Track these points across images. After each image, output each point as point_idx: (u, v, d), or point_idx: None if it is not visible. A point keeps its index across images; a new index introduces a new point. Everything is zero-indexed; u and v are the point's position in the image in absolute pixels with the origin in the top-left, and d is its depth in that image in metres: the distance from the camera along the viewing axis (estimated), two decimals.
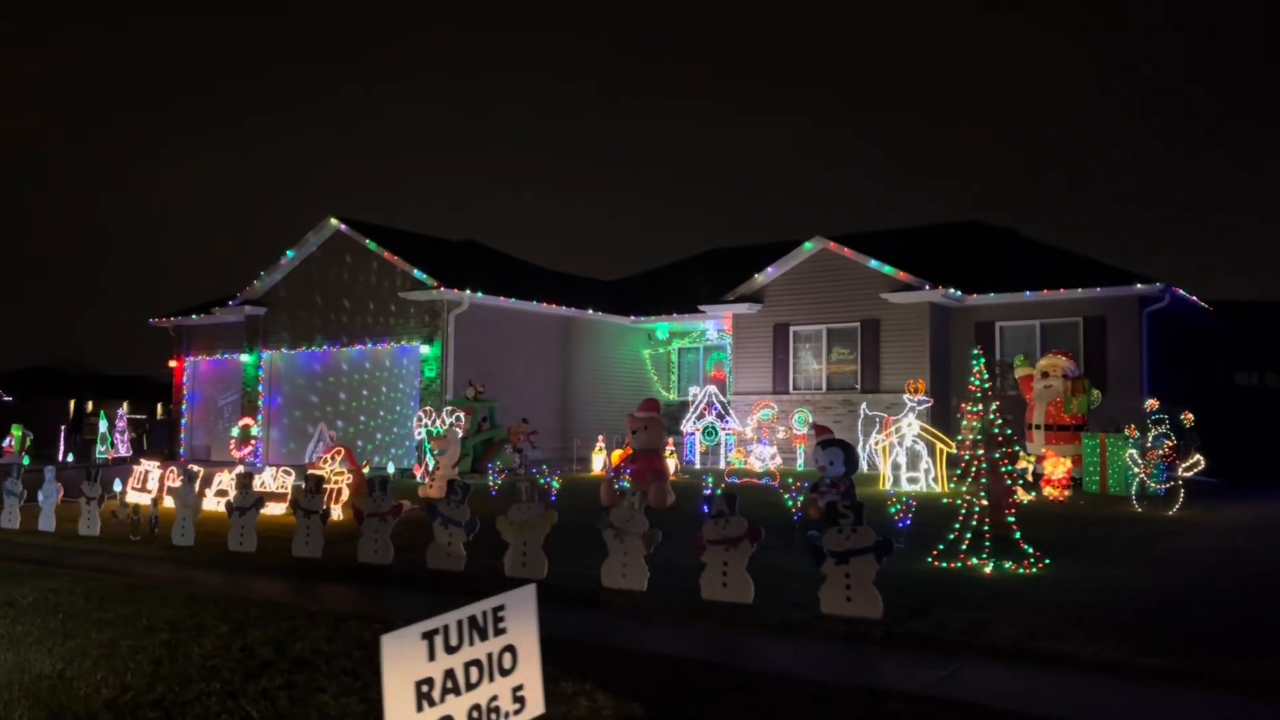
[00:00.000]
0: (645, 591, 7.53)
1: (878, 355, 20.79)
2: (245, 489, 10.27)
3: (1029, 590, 7.77)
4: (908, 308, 20.39)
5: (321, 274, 23.80)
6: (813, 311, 21.78)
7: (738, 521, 7.16)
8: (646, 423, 13.33)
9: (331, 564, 9.30)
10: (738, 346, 23.06)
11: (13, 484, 12.58)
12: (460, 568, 8.58)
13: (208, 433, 27.42)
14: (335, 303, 23.51)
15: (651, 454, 13.36)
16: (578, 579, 8.10)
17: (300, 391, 24.44)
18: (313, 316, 23.92)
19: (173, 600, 7.35)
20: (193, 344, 27.65)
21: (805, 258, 21.86)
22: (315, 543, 9.62)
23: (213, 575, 9.08)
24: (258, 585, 8.51)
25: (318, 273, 23.88)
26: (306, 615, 6.81)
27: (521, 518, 8.26)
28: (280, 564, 9.41)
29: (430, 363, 21.47)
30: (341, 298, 23.40)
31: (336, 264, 23.54)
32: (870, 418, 19.83)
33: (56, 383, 73.19)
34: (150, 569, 9.38)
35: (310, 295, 24.01)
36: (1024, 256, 22.47)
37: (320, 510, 9.61)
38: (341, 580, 8.69)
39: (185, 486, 10.72)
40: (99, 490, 11.66)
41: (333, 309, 23.57)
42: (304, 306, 24.11)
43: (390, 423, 22.56)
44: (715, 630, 6.74)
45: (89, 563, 9.77)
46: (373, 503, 9.28)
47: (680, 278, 29.07)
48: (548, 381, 23.94)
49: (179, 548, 10.47)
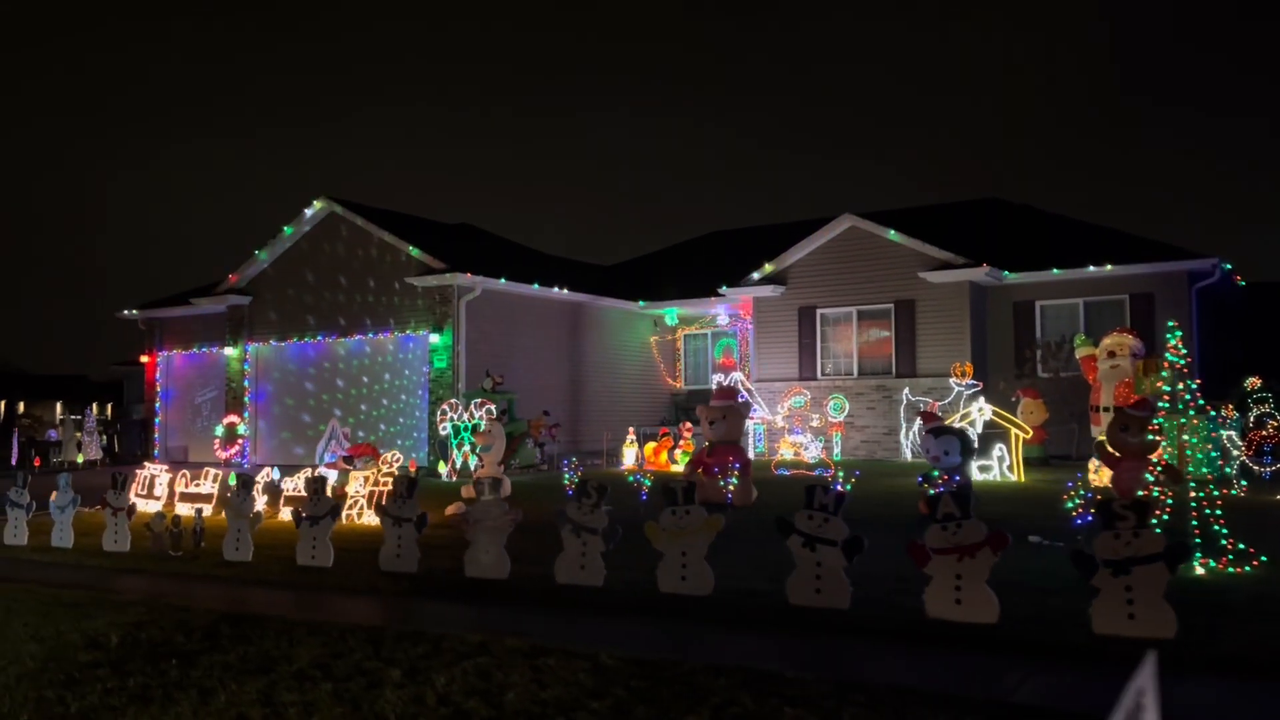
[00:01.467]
0: (847, 610, 6.41)
1: (914, 338, 19.88)
2: (319, 494, 8.92)
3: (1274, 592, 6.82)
4: (946, 287, 19.50)
5: (313, 259, 22.24)
6: (841, 293, 20.81)
7: (974, 526, 6.07)
8: (724, 411, 12.20)
9: (433, 579, 8.03)
10: (760, 331, 22.00)
11: (18, 494, 11.03)
12: (599, 582, 7.37)
13: (184, 432, 25.65)
14: (329, 290, 21.98)
15: (731, 446, 12.23)
16: (751, 594, 6.96)
17: (291, 386, 22.86)
18: (304, 305, 22.35)
19: (300, 634, 6.05)
20: (165, 338, 25.83)
21: (832, 236, 20.86)
22: (410, 554, 8.33)
23: (290, 595, 7.75)
24: (356, 607, 7.21)
25: (309, 258, 22.31)
26: (478, 648, 5.57)
27: (679, 524, 7.07)
28: (367, 580, 8.11)
29: (440, 352, 20.08)
30: (337, 284, 21.87)
31: (330, 248, 21.99)
32: (913, 404, 18.94)
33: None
34: (215, 591, 8.01)
35: (301, 282, 22.43)
36: (1057, 233, 21.74)
37: (414, 517, 8.32)
38: (458, 599, 7.42)
39: (240, 493, 9.33)
40: (127, 500, 10.21)
41: (327, 297, 22.03)
42: (294, 295, 22.53)
43: (395, 416, 21.12)
44: (961, 658, 5.63)
45: (133, 587, 8.34)
46: (484, 509, 8.02)
47: (683, 261, 27.98)
48: (557, 371, 22.69)
49: (234, 564, 9.09)
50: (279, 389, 23.04)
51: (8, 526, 11.07)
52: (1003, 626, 5.94)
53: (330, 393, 22.10)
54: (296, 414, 22.67)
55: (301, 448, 22.35)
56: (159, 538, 9.90)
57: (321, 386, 22.28)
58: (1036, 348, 19.32)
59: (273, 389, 23.15)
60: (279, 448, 22.83)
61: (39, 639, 6.13)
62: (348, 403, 21.73)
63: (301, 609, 7.10)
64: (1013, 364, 19.81)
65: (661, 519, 7.17)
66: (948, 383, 18.76)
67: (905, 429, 18.94)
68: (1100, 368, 16.19)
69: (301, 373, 22.66)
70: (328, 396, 22.15)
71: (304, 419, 22.52)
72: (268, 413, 23.20)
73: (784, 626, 6.22)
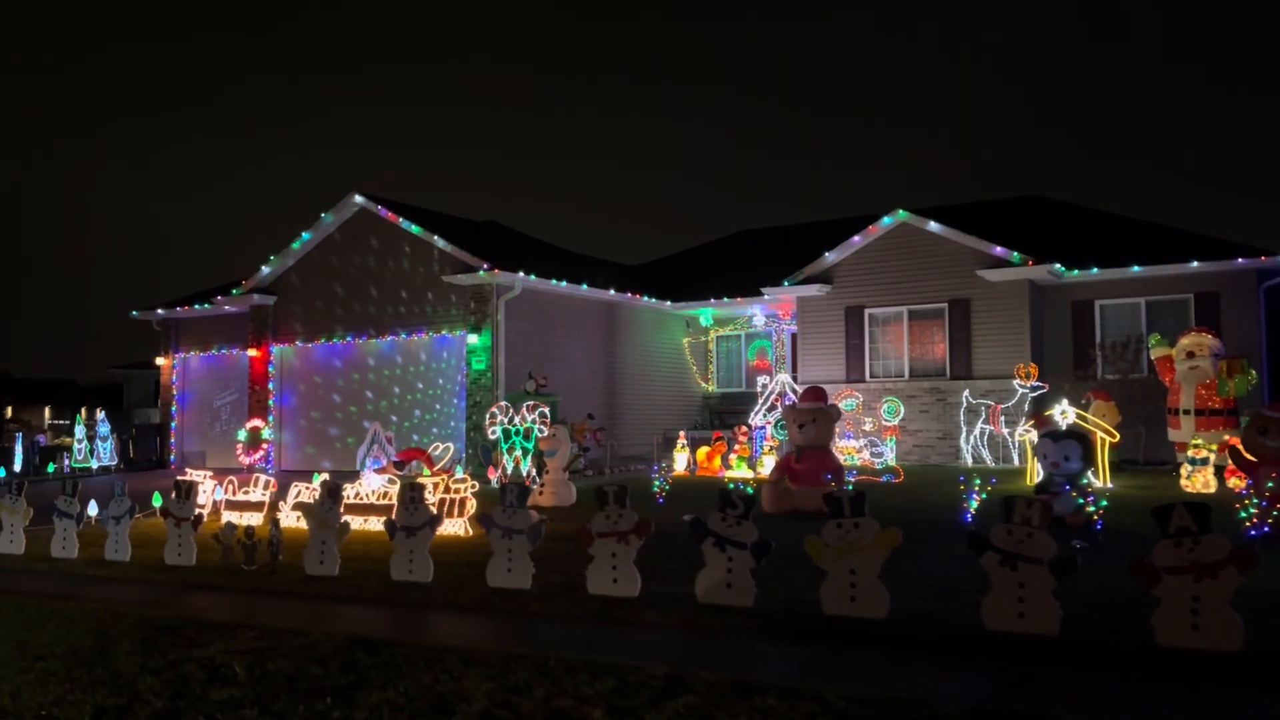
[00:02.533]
0: (1055, 636, 5.71)
1: (969, 338, 19.22)
2: (416, 502, 8.17)
3: None
4: (1004, 285, 18.85)
5: (343, 257, 21.46)
6: (891, 292, 20.14)
7: (1216, 541, 5.38)
8: (814, 414, 11.49)
9: (551, 596, 7.29)
10: (804, 332, 21.32)
11: (66, 502, 10.24)
12: (748, 602, 6.66)
13: (202, 437, 24.83)
14: (359, 289, 21.20)
15: (820, 451, 11.53)
16: (924, 616, 6.26)
17: (318, 389, 22.07)
18: (332, 305, 21.58)
19: (451, 664, 5.32)
20: (182, 339, 25.00)
21: (882, 234, 20.20)
22: (522, 569, 7.60)
23: (398, 615, 7.01)
24: (484, 630, 6.47)
25: (338, 256, 21.53)
26: (673, 683, 4.85)
27: (847, 538, 6.37)
28: (477, 596, 7.37)
29: (478, 354, 19.32)
30: (367, 283, 21.10)
31: (360, 246, 21.23)
32: (974, 406, 18.30)
33: None
34: (311, 610, 7.25)
35: (329, 281, 21.65)
36: (1111, 231, 21.13)
37: (528, 528, 7.59)
38: (589, 620, 6.69)
39: (326, 501, 8.57)
40: (192, 509, 9.45)
41: (356, 297, 21.26)
42: (321, 294, 21.75)
43: (430, 420, 20.35)
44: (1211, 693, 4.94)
45: (215, 606, 7.57)
46: (605, 519, 7.29)
47: (713, 261, 27.29)
48: (592, 372, 21.95)
49: (319, 578, 8.34)
50: (305, 392, 22.25)
51: (55, 538, 10.29)
52: (1247, 654, 5.26)
53: (360, 395, 21.33)
54: (324, 418, 21.89)
55: (329, 453, 21.57)
56: (230, 550, 9.14)
57: (350, 389, 21.51)
58: (1102, 348, 18.68)
59: (298, 392, 22.36)
60: (305, 453, 22.05)
61: (151, 670, 5.39)
62: (379, 406, 20.96)
63: (427, 632, 6.37)
64: (1071, 365, 19.18)
65: (825, 533, 6.47)
66: (1006, 384, 18.13)
67: (965, 433, 18.27)
68: (1178, 369, 15.58)
69: (329, 375, 21.88)
70: (357, 401, 21.37)
71: (332, 423, 21.74)
72: (293, 416, 22.40)
73: (990, 654, 5.53)
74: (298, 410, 22.36)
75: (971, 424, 18.17)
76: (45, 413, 73.62)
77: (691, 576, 7.65)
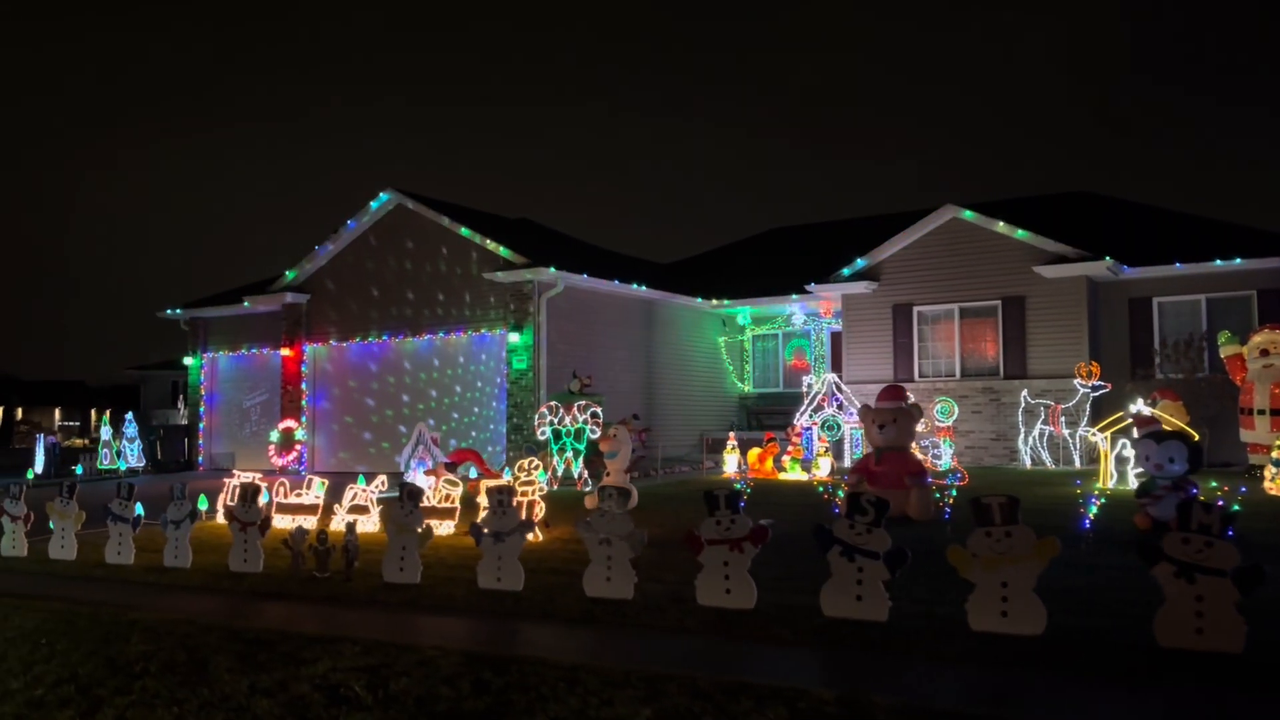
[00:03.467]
0: (1239, 654, 5.24)
1: (1023, 337, 18.73)
2: (505, 506, 7.72)
3: None
4: (1061, 282, 18.35)
5: (377, 255, 21.05)
6: (941, 289, 19.66)
7: None
8: (895, 414, 11.02)
9: (656, 608, 6.82)
10: (850, 330, 20.84)
11: (120, 505, 9.80)
12: (882, 616, 6.19)
13: (231, 438, 24.43)
14: (394, 287, 20.78)
15: (901, 453, 11.05)
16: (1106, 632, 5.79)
17: (352, 388, 21.65)
18: (367, 303, 21.16)
19: (592, 684, 4.86)
20: (211, 338, 24.61)
21: (931, 229, 19.72)
22: (623, 578, 7.13)
23: (496, 627, 6.55)
24: (595, 644, 6.02)
25: (372, 254, 21.12)
26: (849, 709, 4.39)
27: (998, 548, 5.89)
28: (576, 607, 6.91)
29: (519, 353, 18.88)
30: (402, 281, 20.68)
31: (395, 243, 20.81)
32: (1032, 406, 17.80)
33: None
34: (410, 621, 6.80)
35: (363, 280, 21.24)
36: (1168, 227, 20.60)
37: (628, 534, 7.13)
38: (707, 633, 6.22)
39: (406, 504, 8.11)
40: (258, 513, 9.00)
41: (391, 295, 20.84)
42: (355, 293, 21.34)
43: (469, 420, 19.91)
44: None
45: (293, 616, 7.13)
46: (716, 525, 6.83)
47: (747, 259, 26.84)
48: (631, 371, 21.50)
49: (399, 586, 7.88)
50: (339, 391, 21.83)
51: (110, 543, 9.86)
52: None
53: (396, 396, 20.91)
54: (359, 417, 21.47)
55: (363, 455, 21.15)
56: (301, 556, 8.70)
57: (385, 389, 21.09)
58: (1163, 346, 18.17)
59: (332, 391, 21.94)
60: (340, 451, 21.63)
61: (263, 690, 4.94)
62: (415, 405, 20.53)
63: (543, 647, 5.90)
64: (1128, 364, 18.67)
65: (973, 542, 5.99)
66: (1064, 384, 17.63)
67: (1023, 434, 17.77)
68: (1250, 367, 15.09)
69: (363, 374, 21.46)
70: (392, 402, 20.95)
71: (367, 425, 21.32)
72: (327, 416, 21.99)
73: (1169, 674, 5.05)
74: (331, 409, 21.95)
75: (1030, 425, 17.66)
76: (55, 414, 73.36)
77: (803, 586, 7.21)
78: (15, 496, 10.65)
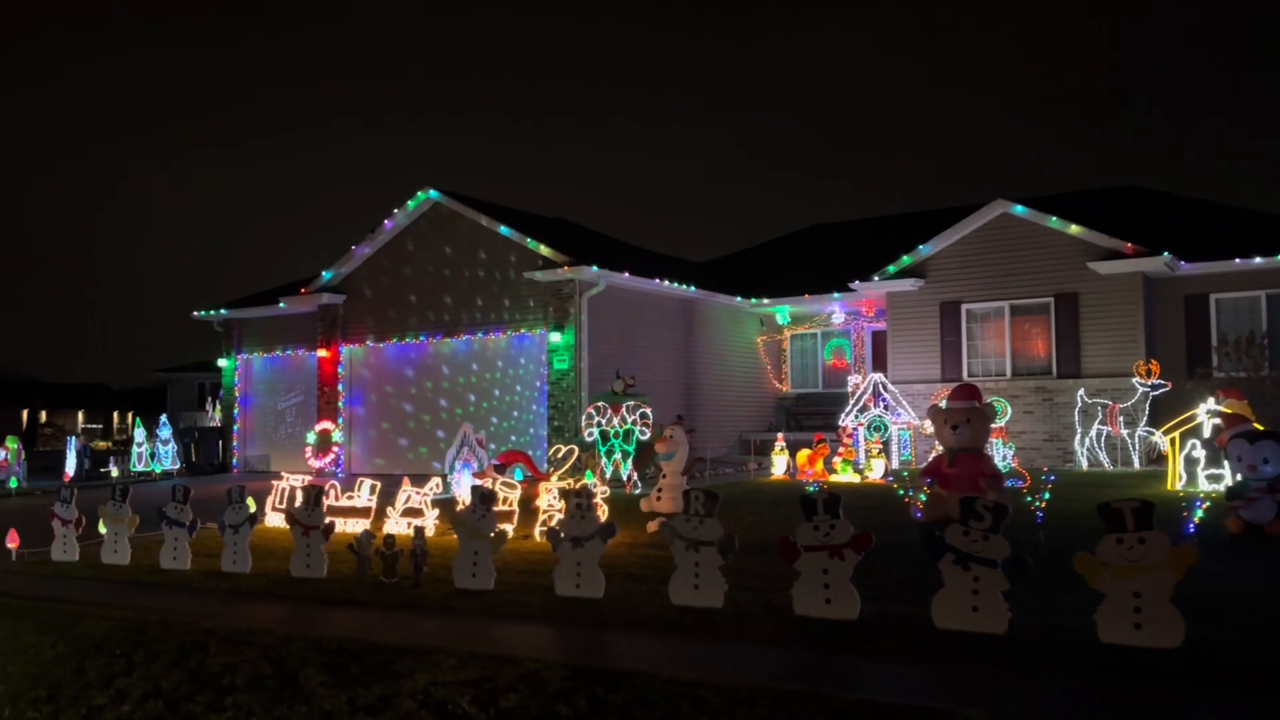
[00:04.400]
0: None
1: (1077, 334, 18.29)
2: (586, 509, 7.40)
3: None
4: (1116, 279, 17.90)
5: (416, 255, 20.80)
6: (990, 286, 19.24)
7: None
8: (969, 414, 10.60)
9: (749, 618, 6.48)
10: (895, 329, 20.44)
11: (177, 509, 9.56)
12: (1001, 629, 5.83)
13: (265, 440, 24.25)
14: (433, 287, 20.53)
15: (976, 454, 10.65)
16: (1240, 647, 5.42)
17: (389, 389, 21.41)
18: (405, 303, 20.92)
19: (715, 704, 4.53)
20: (245, 340, 24.45)
21: (981, 225, 19.30)
22: (712, 586, 6.76)
23: (580, 636, 6.23)
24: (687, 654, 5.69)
25: (411, 254, 20.88)
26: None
27: (1130, 556, 5.53)
28: (662, 615, 6.58)
29: (560, 353, 18.58)
30: (440, 281, 20.42)
31: (433, 243, 20.56)
32: (1089, 406, 17.36)
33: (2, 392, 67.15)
34: (492, 630, 6.49)
35: (400, 280, 21.00)
36: (1222, 222, 20.09)
37: (719, 539, 6.79)
38: (802, 644, 5.89)
39: (479, 508, 7.81)
40: (321, 517, 8.73)
41: (429, 295, 20.59)
42: (394, 293, 21.10)
43: (508, 422, 19.63)
44: None
45: (374, 625, 6.81)
46: (814, 531, 6.48)
47: (784, 257, 26.46)
48: (671, 371, 21.17)
49: (473, 593, 7.58)
50: (376, 393, 21.61)
51: (165, 547, 9.62)
52: None
53: (434, 397, 20.65)
54: (396, 420, 21.24)
55: (400, 458, 20.91)
56: (367, 561, 8.42)
57: (423, 390, 20.84)
58: (1224, 344, 17.69)
59: (369, 393, 21.73)
60: (376, 455, 21.40)
61: (364, 708, 4.64)
62: (453, 406, 20.28)
63: (642, 659, 5.57)
64: (1184, 362, 18.21)
65: (1102, 550, 5.63)
66: (1119, 383, 17.20)
67: (1080, 434, 17.34)
68: None
69: (401, 375, 21.23)
70: (430, 404, 20.69)
71: (404, 425, 21.08)
72: (363, 418, 21.77)
73: None
74: (368, 411, 21.73)
75: (1087, 425, 17.23)
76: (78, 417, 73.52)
77: (903, 595, 6.89)
78: (66, 500, 10.44)
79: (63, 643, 6.32)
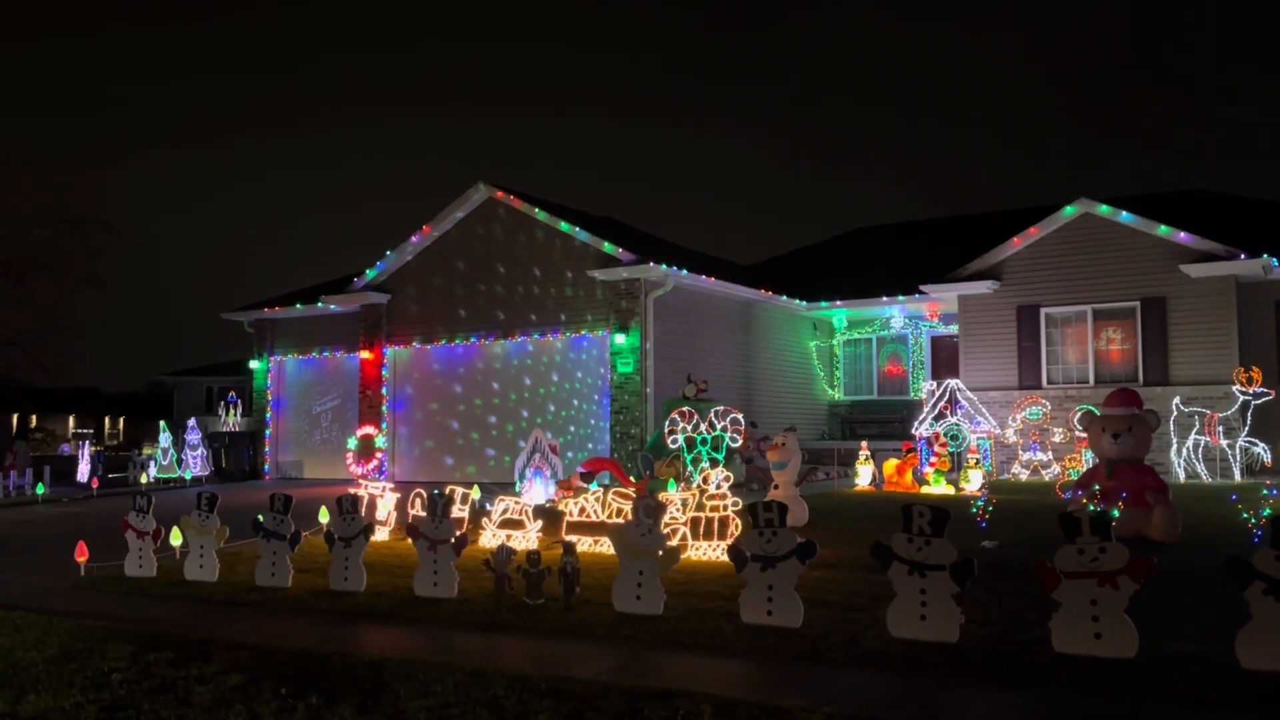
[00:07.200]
0: None
1: (1165, 340, 17.49)
2: (777, 527, 6.52)
3: None
4: (1208, 282, 17.12)
5: (467, 253, 19.90)
6: (1072, 289, 18.43)
7: None
8: (1129, 421, 9.80)
9: (996, 651, 5.63)
10: (967, 333, 19.62)
11: (276, 520, 8.61)
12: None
13: (299, 446, 23.28)
14: (485, 287, 19.62)
15: (1138, 466, 9.83)
16: None
17: (436, 393, 20.49)
18: (454, 303, 20.00)
19: None
20: (278, 341, 23.50)
21: (1060, 225, 18.51)
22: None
23: (813, 675, 5.39)
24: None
25: (461, 251, 19.97)
26: None
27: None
28: (879, 648, 5.72)
29: (624, 355, 17.70)
30: (492, 280, 19.52)
31: (485, 240, 19.67)
32: (1185, 415, 16.56)
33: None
34: (689, 665, 5.62)
35: (449, 279, 20.09)
36: None
37: (948, 563, 5.90)
38: (1077, 682, 5.03)
39: (645, 521, 6.91)
40: (451, 530, 7.81)
41: (479, 294, 19.68)
42: (442, 292, 20.19)
43: (569, 430, 18.70)
44: None
45: (547, 658, 5.94)
46: (1078, 555, 5.61)
47: (834, 260, 25.66)
48: (731, 375, 20.30)
49: (640, 618, 6.69)
50: (422, 396, 20.68)
51: (262, 562, 8.68)
52: None
53: (485, 400, 19.73)
54: (443, 424, 20.30)
55: (449, 461, 19.97)
56: (507, 580, 7.51)
57: (473, 394, 19.92)
58: None
59: (414, 396, 20.79)
60: (422, 462, 20.46)
61: None
62: (505, 412, 19.37)
63: (930, 712, 4.70)
64: (1276, 369, 17.42)
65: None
66: (1211, 391, 16.42)
67: (1175, 444, 16.52)
68: None
69: (449, 378, 20.30)
70: (481, 406, 19.77)
71: (452, 429, 20.15)
72: (408, 423, 20.83)
73: None
74: (414, 415, 20.78)
75: (1183, 436, 16.41)
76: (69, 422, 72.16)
77: (1164, 627, 6.04)
78: (142, 510, 9.49)
79: (211, 680, 5.40)
